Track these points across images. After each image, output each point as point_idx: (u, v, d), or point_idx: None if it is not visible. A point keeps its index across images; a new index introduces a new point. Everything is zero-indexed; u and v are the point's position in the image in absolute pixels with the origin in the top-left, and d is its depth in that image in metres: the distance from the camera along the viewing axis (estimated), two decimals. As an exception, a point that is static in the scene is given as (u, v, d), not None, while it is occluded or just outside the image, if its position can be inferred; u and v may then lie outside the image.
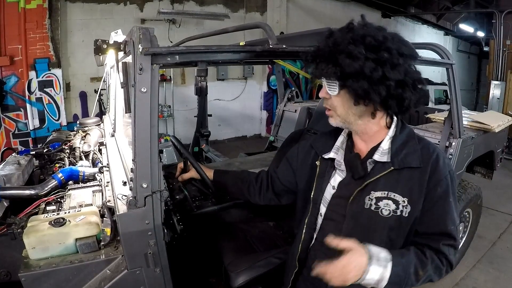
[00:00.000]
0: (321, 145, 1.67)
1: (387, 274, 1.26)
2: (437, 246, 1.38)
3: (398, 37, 1.34)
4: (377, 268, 1.25)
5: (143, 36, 1.49)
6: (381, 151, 1.43)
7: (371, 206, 1.40)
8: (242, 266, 2.21)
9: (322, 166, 1.62)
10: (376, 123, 1.45)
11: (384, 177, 1.40)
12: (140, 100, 1.54)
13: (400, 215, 1.37)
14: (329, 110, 1.45)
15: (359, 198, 1.43)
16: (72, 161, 2.80)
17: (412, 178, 1.38)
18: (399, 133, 1.45)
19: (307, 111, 4.60)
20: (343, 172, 1.54)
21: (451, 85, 2.86)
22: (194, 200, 2.41)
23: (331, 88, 1.37)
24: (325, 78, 1.37)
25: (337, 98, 1.38)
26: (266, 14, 9.81)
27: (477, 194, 3.79)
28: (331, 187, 1.56)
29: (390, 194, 1.38)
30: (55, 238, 1.70)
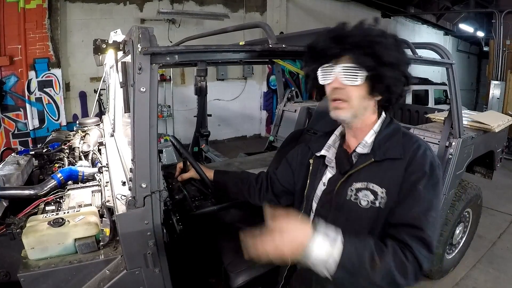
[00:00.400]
0: (317, 145, 1.69)
1: (337, 253, 1.17)
2: (401, 237, 1.26)
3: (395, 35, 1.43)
4: (322, 242, 1.18)
5: (142, 35, 1.48)
6: (364, 144, 1.46)
7: (351, 197, 1.41)
8: (242, 266, 2.21)
9: (314, 164, 1.65)
10: (371, 118, 1.48)
11: (364, 168, 1.41)
12: (139, 99, 1.54)
13: (378, 206, 1.36)
14: (341, 101, 1.40)
15: (342, 189, 1.44)
16: (71, 161, 2.79)
17: (392, 169, 1.38)
18: (385, 128, 1.48)
19: (307, 111, 4.60)
20: (333, 169, 1.56)
21: (451, 85, 2.86)
22: (193, 200, 2.40)
23: (352, 77, 1.35)
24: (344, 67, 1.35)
25: (356, 88, 1.37)
26: (266, 14, 9.81)
27: (477, 194, 3.78)
28: (322, 184, 1.58)
29: (369, 185, 1.38)
30: (54, 238, 1.70)
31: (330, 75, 1.39)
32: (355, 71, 1.34)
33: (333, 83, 1.39)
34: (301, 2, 10.37)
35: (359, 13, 11.60)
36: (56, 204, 2.09)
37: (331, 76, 1.39)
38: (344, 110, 1.41)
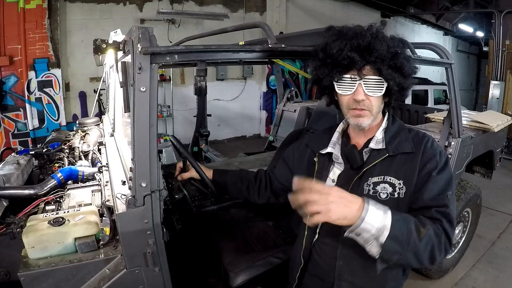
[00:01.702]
0: (316, 143, 1.71)
1: (388, 221, 1.20)
2: (430, 215, 1.33)
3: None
4: (376, 211, 1.20)
5: (142, 35, 1.48)
6: (376, 140, 1.51)
7: (369, 192, 1.44)
8: (241, 265, 2.21)
9: (320, 162, 1.66)
10: (379, 117, 1.55)
11: (379, 163, 1.46)
12: (139, 99, 1.54)
13: (398, 197, 1.41)
14: (364, 110, 1.43)
15: (358, 186, 1.47)
16: (71, 161, 2.80)
17: (406, 162, 1.45)
18: (391, 124, 1.56)
19: (307, 111, 4.60)
20: (341, 165, 1.59)
21: (450, 85, 2.86)
22: (193, 199, 2.41)
23: (375, 89, 1.40)
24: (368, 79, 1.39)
25: (376, 98, 1.43)
26: (266, 14, 9.81)
27: (476, 194, 3.79)
28: (331, 180, 1.60)
29: (386, 178, 1.44)
30: (54, 238, 1.70)
31: (351, 87, 1.41)
32: (379, 83, 1.39)
33: (357, 95, 1.40)
34: (301, 2, 10.37)
35: (358, 13, 11.61)
36: (56, 203, 2.09)
37: (353, 88, 1.40)
38: (366, 118, 1.45)
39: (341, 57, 1.35)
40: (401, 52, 1.38)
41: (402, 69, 1.38)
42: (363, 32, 1.37)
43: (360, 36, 1.35)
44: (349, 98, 1.43)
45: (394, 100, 1.51)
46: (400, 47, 1.40)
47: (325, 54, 1.42)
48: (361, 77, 1.38)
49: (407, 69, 1.39)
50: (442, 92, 9.37)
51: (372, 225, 1.18)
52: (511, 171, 7.30)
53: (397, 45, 1.39)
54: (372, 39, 1.35)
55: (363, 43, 1.34)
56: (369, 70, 1.38)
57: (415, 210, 1.39)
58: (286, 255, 2.33)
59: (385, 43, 1.35)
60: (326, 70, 1.44)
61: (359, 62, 1.34)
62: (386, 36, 1.39)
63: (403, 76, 1.39)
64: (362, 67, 1.37)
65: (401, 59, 1.37)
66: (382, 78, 1.37)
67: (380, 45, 1.33)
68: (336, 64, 1.39)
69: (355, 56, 1.34)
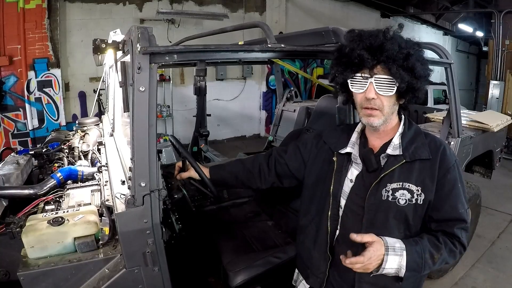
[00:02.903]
0: (335, 140, 1.73)
1: (404, 262, 1.39)
2: (451, 231, 1.49)
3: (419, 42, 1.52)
4: (393, 257, 1.39)
5: (141, 35, 1.49)
6: (393, 145, 1.54)
7: (388, 197, 1.50)
8: (241, 265, 2.22)
9: (339, 161, 1.68)
10: (395, 120, 1.58)
11: (397, 169, 1.50)
12: (138, 99, 1.54)
13: (416, 203, 1.48)
14: (375, 109, 1.47)
15: (376, 191, 1.52)
16: (71, 160, 2.80)
17: (424, 169, 1.49)
18: (408, 129, 1.58)
19: (306, 111, 4.60)
20: (359, 165, 1.61)
21: (450, 84, 2.87)
22: (193, 199, 2.41)
23: (386, 89, 1.42)
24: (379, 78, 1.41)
25: (388, 97, 1.45)
26: (265, 14, 9.81)
27: (476, 194, 3.79)
28: (349, 180, 1.63)
29: (405, 185, 1.49)
30: (54, 237, 1.70)
31: (363, 85, 1.45)
32: (390, 83, 1.41)
33: (368, 93, 1.44)
34: (301, 2, 10.37)
35: (358, 13, 11.62)
36: (55, 203, 2.09)
37: (365, 86, 1.44)
38: (377, 117, 1.48)
39: (353, 56, 1.42)
40: (414, 54, 1.40)
41: (414, 70, 1.39)
42: (376, 33, 1.41)
43: (373, 37, 1.40)
44: (362, 97, 1.47)
45: (408, 102, 1.52)
46: (414, 49, 1.41)
47: (340, 53, 1.50)
48: (372, 75, 1.41)
49: (419, 70, 1.40)
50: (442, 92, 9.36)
51: (392, 268, 1.39)
52: (510, 171, 7.31)
53: (411, 46, 1.41)
54: (384, 39, 1.38)
55: (375, 43, 1.38)
56: (380, 69, 1.41)
57: (436, 222, 1.52)
58: (286, 254, 2.34)
59: (397, 44, 1.38)
60: (341, 69, 1.49)
61: (368, 61, 1.39)
62: (400, 38, 1.42)
63: (414, 77, 1.40)
64: (373, 66, 1.40)
65: (413, 60, 1.39)
66: (392, 77, 1.39)
67: (391, 45, 1.37)
68: (349, 63, 1.44)
69: (364, 54, 1.39)
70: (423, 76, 1.43)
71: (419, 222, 1.53)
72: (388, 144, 1.55)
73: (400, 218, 1.50)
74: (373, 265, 1.37)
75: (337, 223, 1.67)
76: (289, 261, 2.30)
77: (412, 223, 1.51)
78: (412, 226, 1.52)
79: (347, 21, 10.87)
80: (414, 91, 1.44)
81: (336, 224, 1.67)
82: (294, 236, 2.53)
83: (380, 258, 1.38)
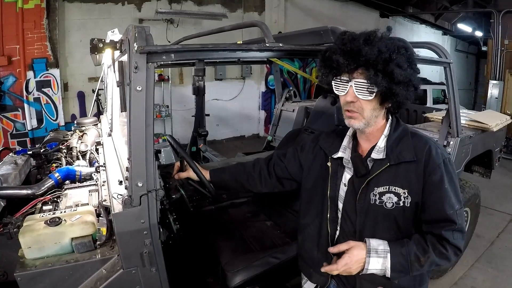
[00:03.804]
0: (329, 145, 1.74)
1: (388, 264, 1.44)
2: (438, 233, 1.47)
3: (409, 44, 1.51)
4: (376, 259, 1.44)
5: (138, 34, 1.48)
6: (378, 149, 1.54)
7: (376, 201, 1.51)
8: (239, 265, 2.21)
9: (333, 166, 1.69)
10: (381, 123, 1.56)
11: (383, 173, 1.51)
12: (135, 98, 1.54)
13: (403, 205, 1.49)
14: (354, 112, 1.47)
15: (365, 195, 1.54)
16: (69, 160, 2.79)
17: (409, 171, 1.49)
18: (394, 131, 1.56)
19: (305, 111, 4.60)
20: (351, 169, 1.62)
21: (449, 84, 2.86)
22: (191, 199, 2.40)
23: (364, 92, 1.42)
24: (358, 82, 1.41)
25: (368, 101, 1.44)
26: (264, 14, 9.80)
27: (475, 194, 3.79)
28: (343, 184, 1.64)
29: (391, 188, 1.49)
30: (51, 238, 1.70)
31: (344, 88, 1.45)
32: (368, 87, 1.40)
33: (347, 96, 1.45)
34: (300, 2, 10.37)
35: (357, 13, 11.61)
36: (53, 203, 2.09)
37: (345, 89, 1.45)
38: (357, 120, 1.49)
39: (332, 60, 1.43)
40: (395, 58, 1.37)
41: (392, 74, 1.37)
42: (358, 37, 1.40)
43: (355, 41, 1.39)
44: (343, 99, 1.48)
45: (393, 106, 1.51)
46: (398, 53, 1.39)
47: (323, 56, 1.50)
48: (351, 79, 1.42)
49: (397, 75, 1.37)
50: (441, 92, 9.38)
51: (376, 269, 1.45)
52: (510, 170, 7.31)
53: (394, 50, 1.38)
54: (364, 44, 1.37)
55: (354, 48, 1.37)
56: (359, 73, 1.41)
57: (426, 223, 1.52)
58: (284, 255, 2.33)
59: (376, 48, 1.36)
60: (325, 71, 1.50)
61: (344, 66, 1.39)
62: (382, 42, 1.38)
63: (393, 82, 1.38)
64: (353, 70, 1.40)
65: (393, 65, 1.37)
66: (370, 82, 1.38)
67: (369, 50, 1.35)
68: (331, 66, 1.45)
69: (340, 59, 1.39)
70: (403, 81, 1.39)
71: (409, 224, 1.53)
72: (374, 147, 1.56)
73: (390, 221, 1.52)
74: (353, 268, 1.46)
75: (337, 225, 1.68)
76: (287, 261, 2.30)
77: (402, 226, 1.52)
78: (402, 229, 1.53)
79: (346, 21, 10.87)
80: (394, 96, 1.42)
81: (336, 226, 1.68)
82: (293, 236, 2.53)
83: (361, 261, 1.45)
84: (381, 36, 1.40)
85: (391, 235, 1.52)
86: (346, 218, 1.63)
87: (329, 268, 1.47)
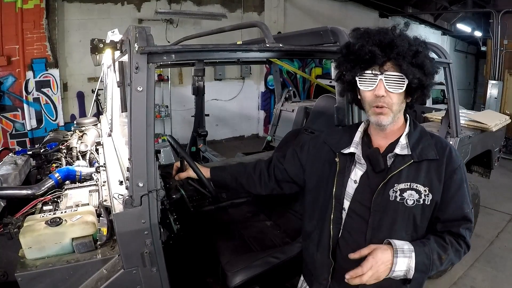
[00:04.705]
0: (336, 141, 1.70)
1: (413, 263, 1.38)
2: (457, 231, 1.49)
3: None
4: (403, 259, 1.38)
5: (139, 35, 1.49)
6: (401, 145, 1.52)
7: (396, 198, 1.48)
8: (239, 265, 2.21)
9: (341, 162, 1.64)
10: (401, 119, 1.57)
11: (405, 169, 1.49)
12: (136, 99, 1.54)
13: (423, 203, 1.47)
14: (385, 107, 1.45)
15: (383, 191, 1.50)
16: (69, 161, 2.79)
17: (431, 169, 1.49)
18: (413, 130, 1.57)
19: (305, 111, 4.60)
20: (363, 166, 1.58)
21: (448, 84, 2.87)
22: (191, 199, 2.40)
23: (396, 86, 1.42)
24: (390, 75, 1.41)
25: (397, 95, 1.44)
26: (264, 14, 9.80)
27: (474, 193, 3.79)
28: (353, 181, 1.60)
29: (413, 185, 1.47)
30: (51, 238, 1.70)
31: (373, 82, 1.43)
32: (400, 80, 1.40)
33: (377, 90, 1.43)
34: (299, 2, 10.37)
35: (356, 13, 11.62)
36: (53, 203, 2.09)
37: (374, 83, 1.43)
38: (387, 116, 1.47)
39: (363, 52, 1.39)
40: (422, 51, 1.41)
41: (423, 66, 1.40)
42: (385, 31, 1.42)
43: (382, 34, 1.40)
44: (371, 94, 1.45)
45: (415, 100, 1.52)
46: (422, 46, 1.43)
47: (348, 50, 1.48)
48: (382, 72, 1.41)
49: (428, 67, 1.41)
50: (440, 92, 9.38)
51: (401, 270, 1.38)
52: (509, 170, 7.32)
53: (419, 44, 1.43)
54: (394, 36, 1.39)
55: (385, 40, 1.38)
56: (390, 66, 1.40)
57: (443, 222, 1.51)
58: (284, 255, 2.33)
59: (406, 41, 1.39)
60: (349, 66, 1.48)
61: (380, 57, 1.38)
62: (408, 36, 1.43)
63: (424, 74, 1.41)
64: (383, 63, 1.40)
65: (422, 57, 1.40)
66: (402, 74, 1.39)
67: (401, 42, 1.37)
68: (359, 60, 1.43)
69: (376, 50, 1.37)
70: (432, 73, 1.44)
71: (425, 223, 1.52)
72: (395, 144, 1.53)
73: (408, 219, 1.49)
74: (381, 271, 1.36)
75: (340, 226, 1.63)
76: (287, 261, 2.30)
77: (419, 225, 1.50)
78: (419, 228, 1.51)
79: (345, 21, 10.86)
80: (424, 88, 1.45)
81: (339, 227, 1.63)
82: (293, 236, 2.54)
83: (388, 263, 1.37)
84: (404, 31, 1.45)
85: (408, 235, 1.50)
86: (354, 218, 1.58)
87: (353, 273, 1.36)
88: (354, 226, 1.58)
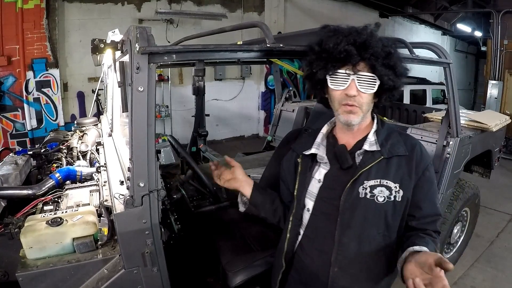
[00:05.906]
0: (301, 146, 1.70)
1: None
2: (434, 227, 1.51)
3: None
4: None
5: (140, 35, 1.48)
6: (369, 142, 1.52)
7: (366, 195, 1.45)
8: (240, 265, 2.21)
9: (303, 163, 1.64)
10: (369, 117, 1.58)
11: (375, 166, 1.47)
12: (137, 99, 1.54)
13: (394, 200, 1.46)
14: (354, 106, 1.44)
15: (353, 188, 1.47)
16: (69, 161, 2.80)
17: (401, 165, 1.49)
18: (381, 127, 1.57)
19: (305, 111, 4.60)
20: (327, 164, 1.58)
21: (449, 84, 2.86)
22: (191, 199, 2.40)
23: (368, 86, 1.42)
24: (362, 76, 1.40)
25: (367, 95, 1.44)
26: (264, 14, 9.80)
27: (474, 193, 3.79)
28: (317, 181, 1.59)
29: (383, 181, 1.46)
30: (52, 238, 1.70)
31: (345, 82, 1.42)
32: (372, 80, 1.41)
33: (349, 90, 1.42)
34: (299, 2, 10.37)
35: (356, 13, 11.61)
36: (54, 203, 2.09)
37: (346, 83, 1.42)
38: (357, 115, 1.47)
39: (337, 51, 1.37)
40: (394, 52, 1.42)
41: (395, 68, 1.41)
42: (359, 30, 1.41)
43: (356, 33, 1.39)
44: (341, 93, 1.44)
45: (384, 100, 1.52)
46: (394, 47, 1.43)
47: (321, 48, 1.44)
48: (355, 72, 1.40)
49: (399, 68, 1.43)
50: (440, 92, 9.37)
51: None
52: (509, 170, 7.33)
53: (391, 45, 1.43)
54: (368, 36, 1.38)
55: (359, 40, 1.37)
56: (363, 66, 1.40)
57: (418, 219, 1.50)
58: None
59: (380, 41, 1.39)
60: (321, 64, 1.44)
61: (355, 56, 1.37)
62: (381, 36, 1.42)
63: (395, 75, 1.42)
64: (356, 63, 1.39)
65: (395, 58, 1.41)
66: (375, 75, 1.40)
67: (375, 43, 1.37)
68: (332, 58, 1.40)
69: (352, 49, 1.36)
70: (403, 74, 1.46)
71: (397, 221, 1.50)
72: (362, 141, 1.53)
73: (380, 217, 1.47)
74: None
75: (299, 228, 1.63)
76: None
77: (391, 222, 1.48)
78: (391, 226, 1.49)
79: (345, 21, 10.48)
80: (394, 89, 1.46)
81: (298, 229, 1.63)
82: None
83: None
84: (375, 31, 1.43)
85: (379, 234, 1.49)
86: (320, 217, 1.55)
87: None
88: (320, 225, 1.56)
